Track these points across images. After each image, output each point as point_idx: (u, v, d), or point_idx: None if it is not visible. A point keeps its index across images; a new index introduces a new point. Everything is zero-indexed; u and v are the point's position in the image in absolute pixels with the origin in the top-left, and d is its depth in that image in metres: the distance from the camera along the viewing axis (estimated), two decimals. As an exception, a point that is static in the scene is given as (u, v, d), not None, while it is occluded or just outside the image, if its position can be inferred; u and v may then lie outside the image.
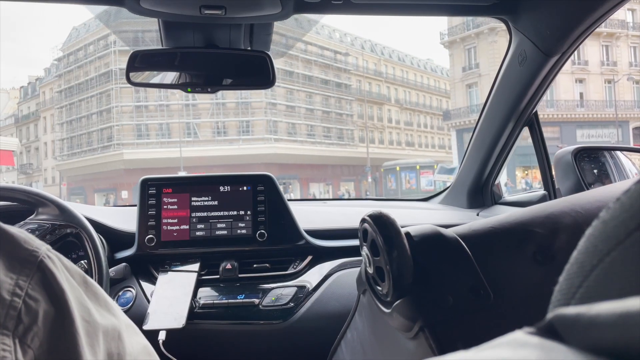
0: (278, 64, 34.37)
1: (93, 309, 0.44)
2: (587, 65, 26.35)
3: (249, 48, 1.35)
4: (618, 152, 1.70)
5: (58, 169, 38.09)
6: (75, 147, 37.01)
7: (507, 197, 1.77)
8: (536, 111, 1.50)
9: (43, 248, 0.42)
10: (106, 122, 35.04)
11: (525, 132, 1.56)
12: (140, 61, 1.25)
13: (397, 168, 28.90)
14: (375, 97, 42.16)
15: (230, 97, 34.07)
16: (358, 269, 0.96)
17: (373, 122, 42.03)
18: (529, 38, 1.26)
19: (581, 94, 26.69)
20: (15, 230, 0.42)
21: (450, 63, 30.17)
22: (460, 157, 1.75)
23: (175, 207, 1.40)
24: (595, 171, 1.66)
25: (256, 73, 1.26)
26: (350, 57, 40.47)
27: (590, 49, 26.07)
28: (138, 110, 34.64)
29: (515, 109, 1.45)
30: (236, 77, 1.31)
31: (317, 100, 38.47)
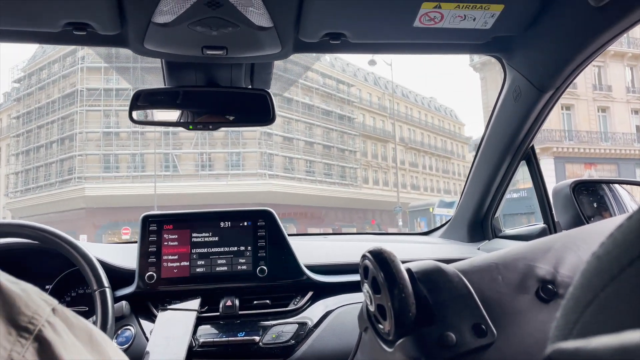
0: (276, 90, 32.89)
1: None
2: (645, 94, 23.25)
3: (250, 86, 1.38)
4: (616, 185, 1.71)
5: (8, 208, 30.93)
6: (30, 181, 30.40)
7: (507, 230, 1.77)
8: (533, 145, 1.52)
9: (46, 311, 0.38)
10: (68, 151, 28.81)
11: (579, 169, 1.56)
12: (143, 100, 1.27)
13: (431, 209, 23.51)
14: (379, 134, 38.75)
15: (218, 124, 30.61)
16: (360, 304, 0.95)
17: (377, 161, 38.61)
18: (523, 74, 1.29)
19: (638, 127, 23.12)
20: (18, 289, 0.38)
21: (483, 87, 26.17)
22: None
23: (176, 243, 1.40)
24: (594, 204, 1.67)
25: (257, 111, 1.29)
26: (354, 88, 37.43)
27: (647, 77, 23.17)
28: (107, 137, 28.72)
29: (511, 143, 1.47)
30: (237, 115, 1.33)
31: (317, 133, 34.17)
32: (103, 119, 28.56)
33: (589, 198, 1.63)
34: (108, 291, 1.21)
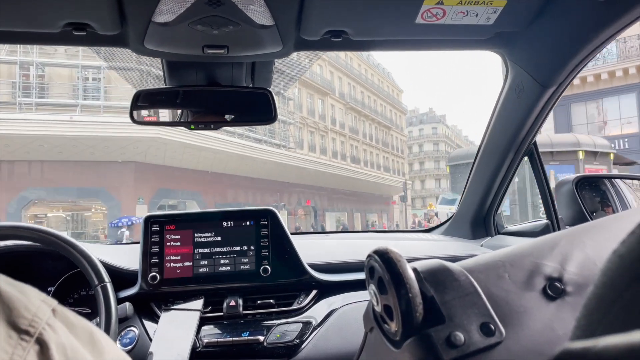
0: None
1: None
2: None
3: (251, 85, 1.37)
4: (618, 180, 1.71)
5: None
6: None
7: (510, 227, 1.77)
8: (535, 141, 1.51)
9: (46, 313, 0.38)
10: None
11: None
12: (144, 100, 1.27)
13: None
14: (317, 81, 30.02)
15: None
16: (364, 303, 0.95)
17: (314, 119, 30.35)
18: (526, 70, 1.28)
19: None
20: (16, 292, 0.38)
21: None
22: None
23: (179, 243, 1.40)
24: (596, 199, 1.67)
25: (258, 109, 1.28)
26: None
27: None
28: None
29: (514, 139, 1.46)
30: (239, 114, 1.33)
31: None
32: None
33: (592, 193, 1.63)
34: (109, 285, 1.21)
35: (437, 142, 55.08)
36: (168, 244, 1.39)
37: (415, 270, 0.57)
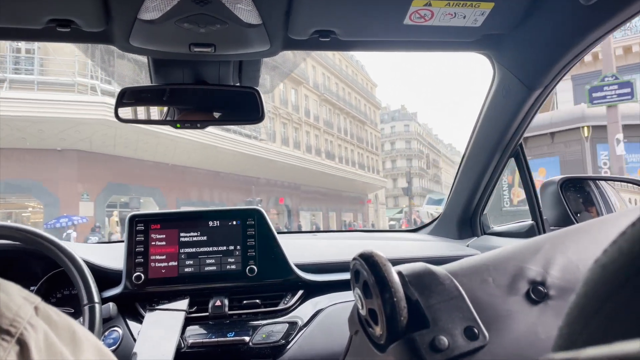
0: None
1: None
2: None
3: (238, 84, 1.36)
4: (602, 182, 1.74)
5: None
6: None
7: (496, 227, 1.78)
8: (521, 143, 1.52)
9: (28, 312, 0.38)
10: None
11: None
12: (129, 97, 1.25)
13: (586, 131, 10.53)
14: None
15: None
16: (350, 303, 0.95)
17: (287, 109, 28.42)
18: (512, 72, 1.29)
19: None
20: None
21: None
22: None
23: (164, 243, 1.38)
24: (581, 200, 1.69)
25: (246, 108, 1.27)
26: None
27: None
28: None
29: (500, 141, 1.47)
30: (226, 113, 1.31)
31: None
32: None
33: (576, 195, 1.65)
34: (97, 307, 1.16)
35: (409, 140, 53.46)
36: (153, 243, 1.38)
37: (400, 273, 0.57)
